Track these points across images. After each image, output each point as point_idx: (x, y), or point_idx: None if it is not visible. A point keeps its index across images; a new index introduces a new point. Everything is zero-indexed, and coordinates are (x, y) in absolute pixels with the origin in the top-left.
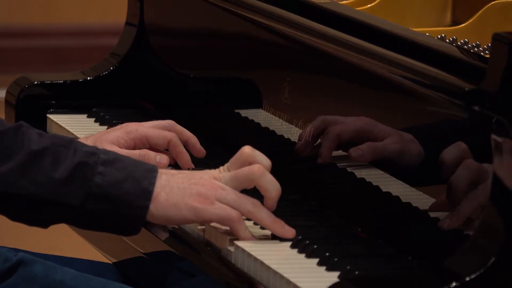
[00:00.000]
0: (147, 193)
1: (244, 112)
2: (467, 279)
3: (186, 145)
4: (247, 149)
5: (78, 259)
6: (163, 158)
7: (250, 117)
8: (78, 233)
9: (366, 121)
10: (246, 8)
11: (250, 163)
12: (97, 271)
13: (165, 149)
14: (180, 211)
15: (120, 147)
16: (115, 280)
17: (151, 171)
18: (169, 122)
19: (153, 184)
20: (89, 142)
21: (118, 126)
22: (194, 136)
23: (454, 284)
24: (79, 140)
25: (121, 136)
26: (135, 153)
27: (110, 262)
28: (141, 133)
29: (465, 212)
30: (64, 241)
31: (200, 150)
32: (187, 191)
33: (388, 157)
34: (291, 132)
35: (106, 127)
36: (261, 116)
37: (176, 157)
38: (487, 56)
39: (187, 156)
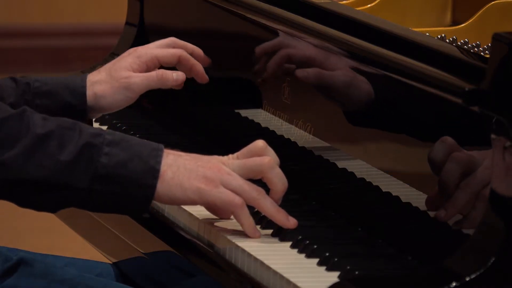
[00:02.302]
0: (154, 171)
1: (244, 112)
2: (467, 279)
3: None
4: (260, 143)
5: (78, 259)
6: (179, 75)
7: (250, 117)
8: (78, 233)
9: (318, 51)
10: (246, 8)
11: (260, 156)
12: (97, 271)
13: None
14: (185, 191)
15: (134, 72)
16: (115, 280)
17: (157, 150)
18: (171, 39)
19: (159, 162)
20: (102, 74)
21: (126, 53)
22: (198, 47)
23: (454, 284)
24: (90, 74)
25: (134, 62)
26: (152, 75)
27: (110, 262)
28: (151, 55)
29: (460, 202)
30: (64, 241)
31: (205, 58)
32: (194, 172)
33: (333, 86)
34: (291, 132)
35: (106, 127)
36: (261, 116)
37: (190, 70)
38: (487, 56)
39: (200, 67)
